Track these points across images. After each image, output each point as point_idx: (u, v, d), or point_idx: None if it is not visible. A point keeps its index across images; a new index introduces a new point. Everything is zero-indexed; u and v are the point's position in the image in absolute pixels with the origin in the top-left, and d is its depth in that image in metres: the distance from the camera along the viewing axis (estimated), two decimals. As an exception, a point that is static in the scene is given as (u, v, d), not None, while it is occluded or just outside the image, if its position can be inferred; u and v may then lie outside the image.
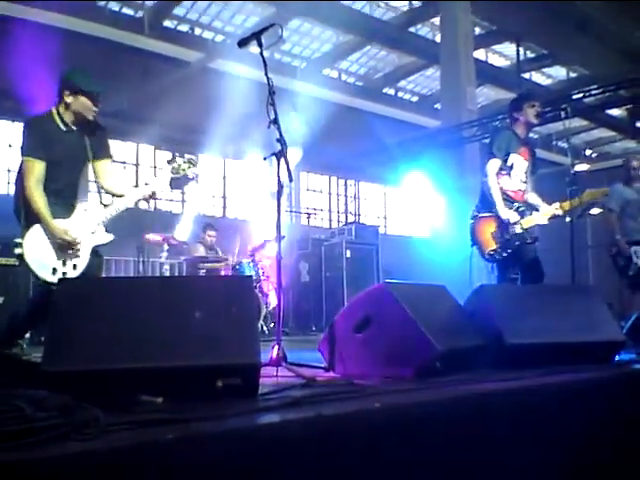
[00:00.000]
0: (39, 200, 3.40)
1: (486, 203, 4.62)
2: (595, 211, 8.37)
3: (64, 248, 3.46)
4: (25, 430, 1.31)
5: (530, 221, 4.54)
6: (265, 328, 7.97)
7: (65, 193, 3.55)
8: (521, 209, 4.58)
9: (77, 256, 3.51)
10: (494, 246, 4.51)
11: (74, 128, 3.59)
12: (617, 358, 3.25)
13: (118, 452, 1.33)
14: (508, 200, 4.58)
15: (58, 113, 3.55)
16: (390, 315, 2.73)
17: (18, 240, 3.44)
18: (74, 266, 3.49)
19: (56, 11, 10.56)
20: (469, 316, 3.14)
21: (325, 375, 2.78)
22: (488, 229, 4.54)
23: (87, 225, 3.57)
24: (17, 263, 3.63)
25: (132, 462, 1.33)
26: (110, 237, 3.64)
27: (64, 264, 3.47)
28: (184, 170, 3.65)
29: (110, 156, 3.78)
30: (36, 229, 3.44)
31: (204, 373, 1.96)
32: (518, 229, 4.48)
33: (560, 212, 4.53)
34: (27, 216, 3.43)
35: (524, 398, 2.32)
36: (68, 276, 3.43)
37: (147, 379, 1.88)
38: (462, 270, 4.91)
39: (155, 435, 1.43)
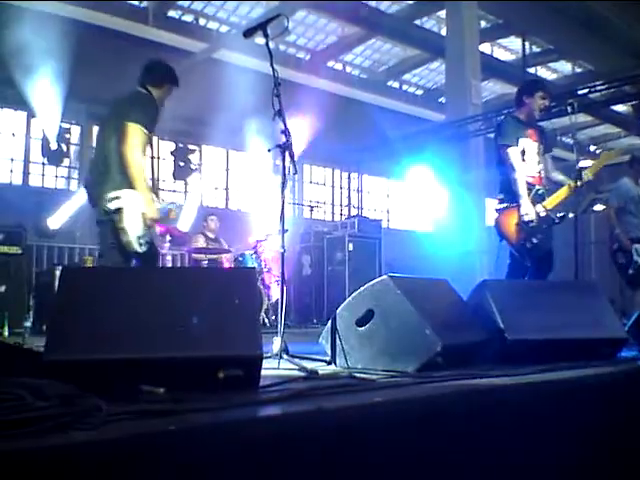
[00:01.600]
0: (141, 168, 3.49)
1: (510, 194, 4.54)
2: (599, 207, 8.35)
3: (147, 224, 3.53)
4: (26, 419, 1.31)
5: (553, 201, 4.51)
6: (266, 320, 7.98)
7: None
8: (540, 192, 4.52)
9: (151, 236, 3.65)
10: (520, 236, 4.44)
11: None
12: (619, 355, 3.25)
13: (119, 442, 1.33)
14: (528, 186, 4.52)
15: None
16: (392, 309, 2.73)
17: (115, 194, 3.43)
18: (147, 242, 3.58)
19: (59, 0, 10.54)
20: (471, 311, 3.13)
21: (327, 368, 2.78)
22: (512, 220, 4.47)
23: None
24: (20, 252, 3.67)
25: (133, 452, 1.33)
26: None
27: (143, 237, 3.53)
28: None
29: None
30: (134, 194, 3.46)
31: (206, 364, 1.96)
32: (542, 212, 4.43)
33: (585, 179, 4.47)
34: (124, 177, 3.47)
35: (525, 394, 2.31)
36: (142, 247, 3.52)
37: (149, 369, 1.87)
38: (464, 264, 4.91)
39: (156, 426, 1.43)
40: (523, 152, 4.58)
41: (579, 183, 4.46)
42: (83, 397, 1.48)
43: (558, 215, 4.50)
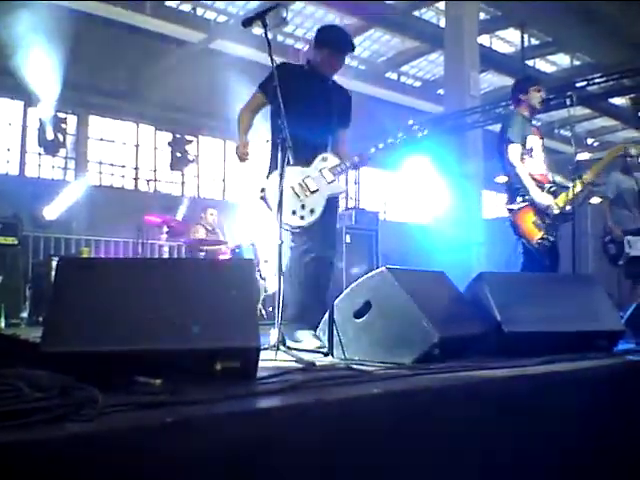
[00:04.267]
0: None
1: (516, 193, 4.53)
2: (595, 200, 8.36)
3: (302, 192, 3.61)
4: (22, 410, 1.30)
5: (564, 198, 4.46)
6: (263, 312, 7.97)
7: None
8: (552, 189, 4.50)
9: (315, 201, 3.64)
10: (540, 234, 4.42)
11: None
12: (616, 347, 3.25)
13: (115, 434, 1.32)
14: (537, 184, 4.52)
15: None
16: (390, 301, 2.72)
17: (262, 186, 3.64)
18: (311, 210, 3.61)
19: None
20: (468, 303, 3.13)
21: (324, 360, 2.78)
22: (529, 219, 4.46)
23: (325, 174, 3.76)
24: (16, 243, 3.66)
25: (129, 444, 1.33)
26: (342, 188, 4.01)
27: (302, 207, 3.59)
28: None
29: None
30: (275, 174, 3.50)
31: (203, 356, 1.95)
32: (556, 210, 4.42)
33: (588, 179, 4.47)
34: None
35: (522, 386, 2.31)
36: (305, 219, 3.58)
37: (146, 361, 1.87)
38: (461, 256, 4.93)
39: (153, 418, 1.43)
40: (531, 149, 4.58)
41: (589, 179, 4.45)
42: (80, 389, 1.48)
43: (569, 212, 4.48)
